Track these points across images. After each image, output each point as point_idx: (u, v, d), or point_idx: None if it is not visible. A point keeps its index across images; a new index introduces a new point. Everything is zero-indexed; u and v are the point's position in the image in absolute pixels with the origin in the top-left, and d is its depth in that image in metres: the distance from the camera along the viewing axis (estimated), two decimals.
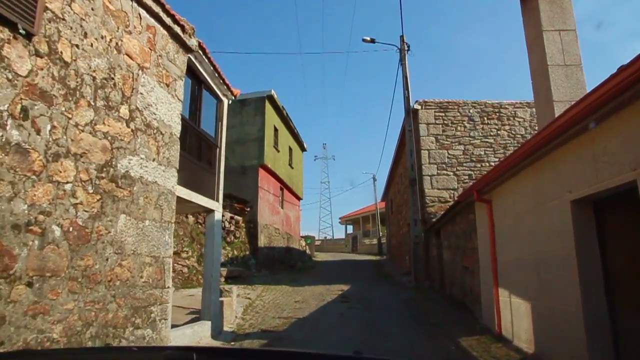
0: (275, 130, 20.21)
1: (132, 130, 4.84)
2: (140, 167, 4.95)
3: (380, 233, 41.61)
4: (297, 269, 20.91)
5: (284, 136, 21.61)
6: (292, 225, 23.65)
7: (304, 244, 27.49)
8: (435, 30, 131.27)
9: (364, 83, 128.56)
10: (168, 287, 5.43)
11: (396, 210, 21.90)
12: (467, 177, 13.39)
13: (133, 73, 4.92)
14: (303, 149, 26.41)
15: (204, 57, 6.65)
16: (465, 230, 8.49)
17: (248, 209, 17.60)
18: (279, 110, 20.18)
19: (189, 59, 6.31)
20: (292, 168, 23.30)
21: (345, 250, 48.20)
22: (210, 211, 7.20)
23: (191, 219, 14.42)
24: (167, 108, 5.61)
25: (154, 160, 5.24)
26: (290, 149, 23.07)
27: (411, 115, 13.80)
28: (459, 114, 13.90)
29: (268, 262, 18.26)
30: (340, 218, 58.86)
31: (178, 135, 5.86)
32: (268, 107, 18.77)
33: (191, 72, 6.62)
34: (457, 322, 7.72)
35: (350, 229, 57.93)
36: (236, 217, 16.90)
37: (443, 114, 13.91)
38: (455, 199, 13.16)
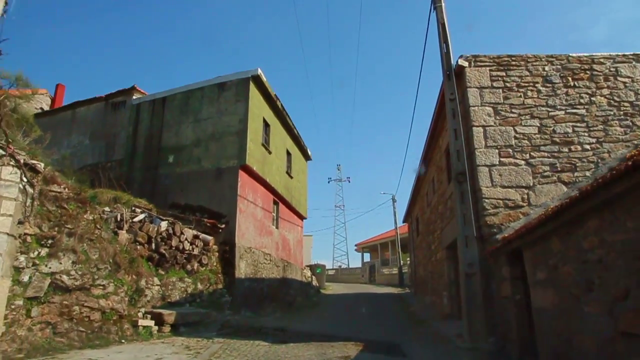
0: (266, 125, 15.61)
1: None
2: None
3: (401, 261, 36.42)
4: (296, 307, 15.82)
5: (278, 135, 16.99)
6: (292, 250, 18.68)
7: (309, 274, 22.39)
8: None
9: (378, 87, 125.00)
10: None
11: (425, 230, 16.81)
12: (547, 167, 8.39)
13: None
14: (307, 157, 21.70)
15: None
16: (630, 245, 3.51)
17: (223, 226, 12.80)
18: (270, 99, 15.62)
19: None
20: (292, 178, 18.54)
21: (362, 280, 42.97)
22: None
23: (124, 235, 9.67)
24: None
25: None
26: (288, 153, 18.38)
27: (453, 77, 8.99)
28: (528, 73, 9.05)
29: (252, 299, 13.29)
30: (356, 245, 53.57)
31: None
32: (253, 92, 14.23)
33: None
34: None
35: (367, 257, 52.52)
36: (204, 236, 12.11)
37: (504, 74, 9.07)
38: (530, 202, 8.18)
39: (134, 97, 16.11)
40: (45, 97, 22.81)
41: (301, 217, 20.60)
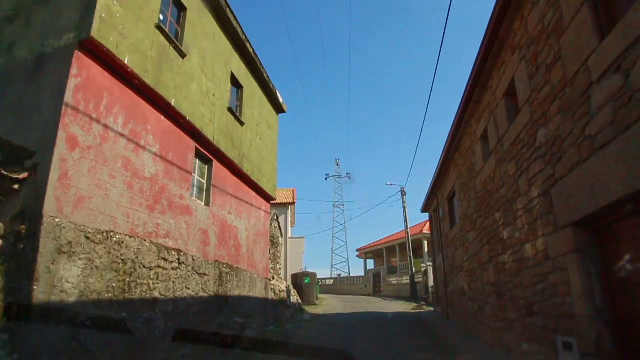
0: (179, 6, 8.21)
1: None
2: None
3: (414, 268, 29.04)
4: (237, 354, 8.15)
5: (211, 40, 9.50)
6: (243, 247, 11.09)
7: (282, 287, 14.75)
8: None
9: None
10: None
11: (478, 208, 9.18)
12: None
13: None
14: (277, 107, 14.14)
15: None
16: None
17: (22, 176, 5.33)
18: None
19: None
20: (242, 125, 11.05)
21: (365, 291, 35.62)
22: None
23: None
24: None
25: None
26: (236, 82, 10.93)
27: None
28: None
29: (106, 350, 5.73)
30: (357, 250, 45.96)
31: None
32: None
33: None
34: None
35: (370, 264, 44.95)
36: None
37: None
38: None
39: None
40: None
41: (267, 198, 13.04)
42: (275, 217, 21.19)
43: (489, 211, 8.15)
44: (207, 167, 9.44)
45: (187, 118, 8.08)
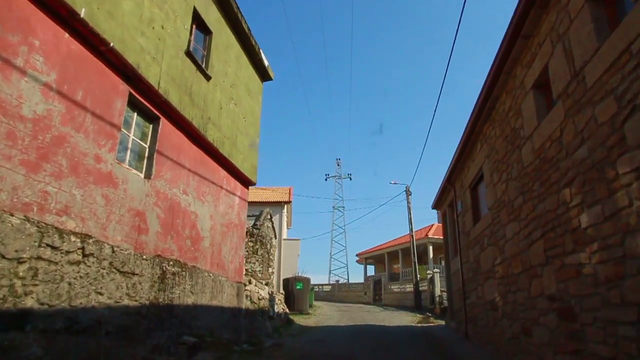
0: None
1: None
2: None
3: (418, 275, 26.54)
4: None
5: None
6: (205, 238, 8.43)
7: (262, 293, 12.09)
8: None
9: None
10: None
11: (531, 182, 6.52)
12: None
13: None
14: (262, 73, 11.51)
15: None
16: None
17: None
18: None
19: None
20: (208, 79, 8.49)
21: (364, 299, 33.12)
22: None
23: None
24: None
25: None
26: (200, 23, 8.36)
27: None
28: None
29: None
30: (357, 255, 43.41)
31: None
32: None
33: None
34: None
35: (370, 270, 42.38)
36: None
37: None
38: None
39: None
40: None
41: (243, 181, 10.44)
42: (269, 217, 18.65)
43: (547, 189, 5.55)
44: (151, 126, 6.87)
45: (112, 45, 5.53)
